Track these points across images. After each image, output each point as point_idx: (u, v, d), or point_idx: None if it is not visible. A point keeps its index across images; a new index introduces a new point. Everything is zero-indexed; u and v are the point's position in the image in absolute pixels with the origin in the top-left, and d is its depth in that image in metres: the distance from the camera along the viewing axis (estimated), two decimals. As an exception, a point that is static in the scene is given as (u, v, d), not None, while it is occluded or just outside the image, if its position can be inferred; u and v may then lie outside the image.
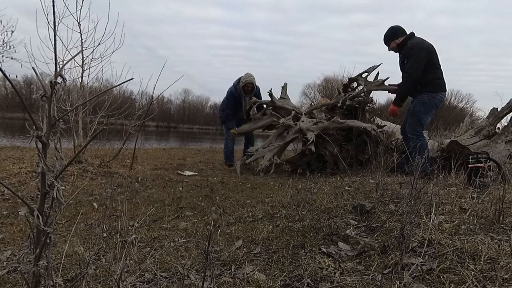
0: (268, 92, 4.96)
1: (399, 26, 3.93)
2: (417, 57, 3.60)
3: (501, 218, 1.65)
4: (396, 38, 3.87)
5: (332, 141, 4.48)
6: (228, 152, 5.62)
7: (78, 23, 4.78)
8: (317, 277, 1.29)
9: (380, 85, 4.32)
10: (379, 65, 4.47)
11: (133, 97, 9.34)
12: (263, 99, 5.49)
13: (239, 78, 5.26)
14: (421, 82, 3.65)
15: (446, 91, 3.77)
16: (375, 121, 4.97)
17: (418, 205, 1.67)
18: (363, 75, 4.57)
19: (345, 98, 4.62)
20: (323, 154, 4.61)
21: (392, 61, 4.18)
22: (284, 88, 5.43)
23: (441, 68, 3.74)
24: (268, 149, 4.74)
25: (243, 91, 5.22)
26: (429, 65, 3.63)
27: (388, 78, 4.30)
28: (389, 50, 3.99)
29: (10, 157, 4.96)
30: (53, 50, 0.93)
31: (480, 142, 3.60)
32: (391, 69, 4.35)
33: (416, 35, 3.84)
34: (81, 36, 4.84)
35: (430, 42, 3.74)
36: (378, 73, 4.51)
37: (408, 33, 3.86)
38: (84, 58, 4.93)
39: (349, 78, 4.77)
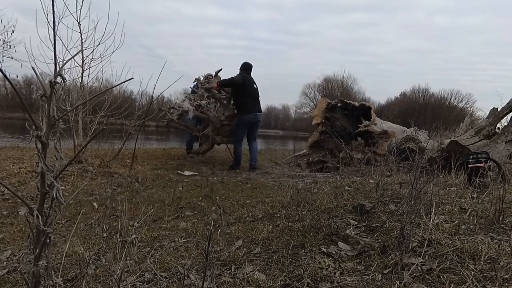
0: (215, 72, 5.77)
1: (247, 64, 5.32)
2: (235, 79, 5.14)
3: (501, 218, 1.65)
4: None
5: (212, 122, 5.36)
6: (190, 141, 6.49)
7: (78, 23, 4.77)
8: (317, 277, 1.29)
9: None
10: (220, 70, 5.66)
11: (133, 97, 9.35)
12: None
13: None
14: (236, 105, 5.30)
15: (253, 112, 5.17)
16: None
17: (418, 205, 1.67)
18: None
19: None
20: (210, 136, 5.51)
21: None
22: (216, 76, 5.87)
23: (255, 95, 5.22)
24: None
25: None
26: (244, 92, 5.10)
27: (221, 69, 5.65)
28: None
29: (10, 157, 4.95)
30: (53, 49, 0.93)
31: (480, 142, 3.59)
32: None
33: (250, 71, 5.31)
34: (81, 36, 4.83)
35: (252, 77, 5.26)
36: None
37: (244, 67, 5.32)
38: (84, 58, 4.92)
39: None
